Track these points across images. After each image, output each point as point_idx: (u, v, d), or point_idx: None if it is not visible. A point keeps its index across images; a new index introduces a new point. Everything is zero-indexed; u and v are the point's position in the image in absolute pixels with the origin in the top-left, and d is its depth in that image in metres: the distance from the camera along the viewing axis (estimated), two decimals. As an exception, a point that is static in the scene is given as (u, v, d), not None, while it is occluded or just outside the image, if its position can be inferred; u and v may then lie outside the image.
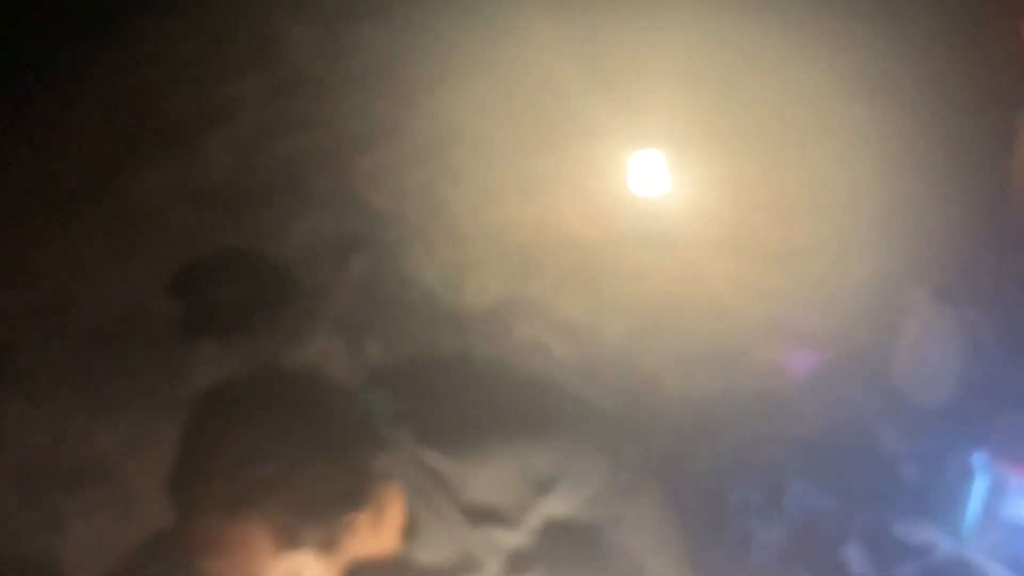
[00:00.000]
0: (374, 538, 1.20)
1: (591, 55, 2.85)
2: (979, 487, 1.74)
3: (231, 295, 2.30)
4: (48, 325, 2.28)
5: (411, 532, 1.24)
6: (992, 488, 1.76)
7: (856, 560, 1.76)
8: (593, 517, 1.35)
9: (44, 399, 2.10)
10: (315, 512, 1.13)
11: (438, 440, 1.26)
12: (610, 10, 2.91)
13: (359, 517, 1.16)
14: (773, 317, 2.22)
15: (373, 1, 3.21)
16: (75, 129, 2.81)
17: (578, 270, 2.37)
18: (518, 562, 1.28)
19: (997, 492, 1.77)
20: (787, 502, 1.86)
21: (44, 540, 1.89)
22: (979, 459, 1.74)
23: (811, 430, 2.00)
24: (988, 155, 2.40)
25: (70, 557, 1.86)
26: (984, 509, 1.77)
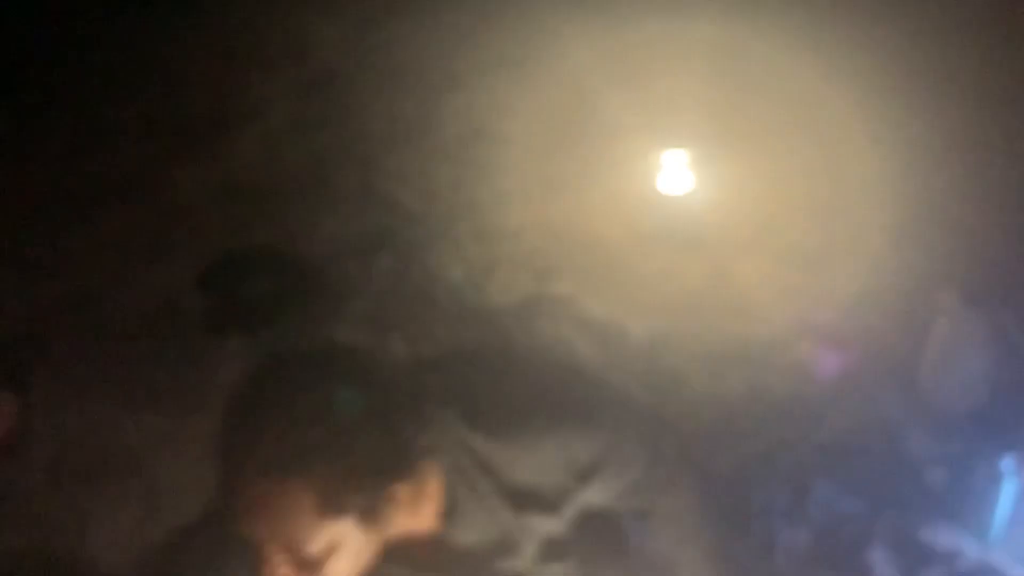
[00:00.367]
0: (413, 515, 1.21)
1: (617, 54, 2.84)
2: (1007, 492, 1.73)
3: (259, 291, 2.32)
4: (79, 319, 2.31)
5: (451, 512, 1.24)
6: (1020, 493, 1.74)
7: (881, 564, 1.74)
8: (628, 508, 1.35)
9: (74, 392, 2.12)
10: (360, 481, 1.12)
11: (484, 423, 1.26)
12: (636, 9, 2.90)
13: (402, 490, 1.16)
14: (800, 318, 2.21)
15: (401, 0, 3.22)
16: (108, 126, 2.84)
17: (604, 269, 2.37)
18: (554, 549, 1.27)
19: (1025, 497, 1.75)
20: (812, 504, 1.85)
21: (72, 533, 1.91)
22: (1007, 464, 1.72)
23: (837, 432, 1.99)
24: (1019, 155, 2.37)
25: (98, 549, 1.88)
26: (1012, 514, 1.75)
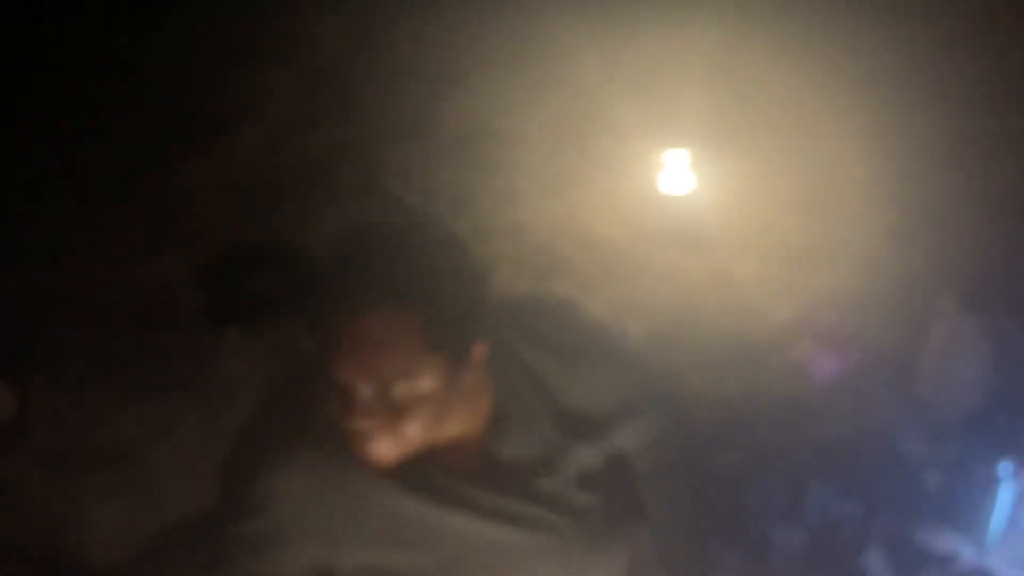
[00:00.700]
0: (469, 409, 1.20)
1: (619, 54, 2.84)
2: (1004, 496, 1.73)
3: (259, 286, 2.31)
4: (77, 310, 2.30)
5: (499, 424, 1.23)
6: (1017, 498, 1.74)
7: (877, 567, 1.75)
8: (645, 468, 1.34)
9: (71, 383, 2.13)
10: (449, 323, 1.11)
11: (543, 344, 1.27)
12: (638, 9, 2.89)
13: (478, 350, 1.15)
14: (799, 318, 2.21)
15: (404, -4, 3.22)
16: (108, 117, 2.84)
17: (603, 269, 2.37)
18: (587, 480, 1.25)
19: (1022, 502, 1.75)
20: (808, 506, 1.85)
21: (70, 523, 1.91)
22: (1004, 467, 1.72)
23: (834, 434, 1.99)
24: (1020, 157, 2.37)
25: (95, 540, 1.89)
26: (1009, 519, 1.75)
